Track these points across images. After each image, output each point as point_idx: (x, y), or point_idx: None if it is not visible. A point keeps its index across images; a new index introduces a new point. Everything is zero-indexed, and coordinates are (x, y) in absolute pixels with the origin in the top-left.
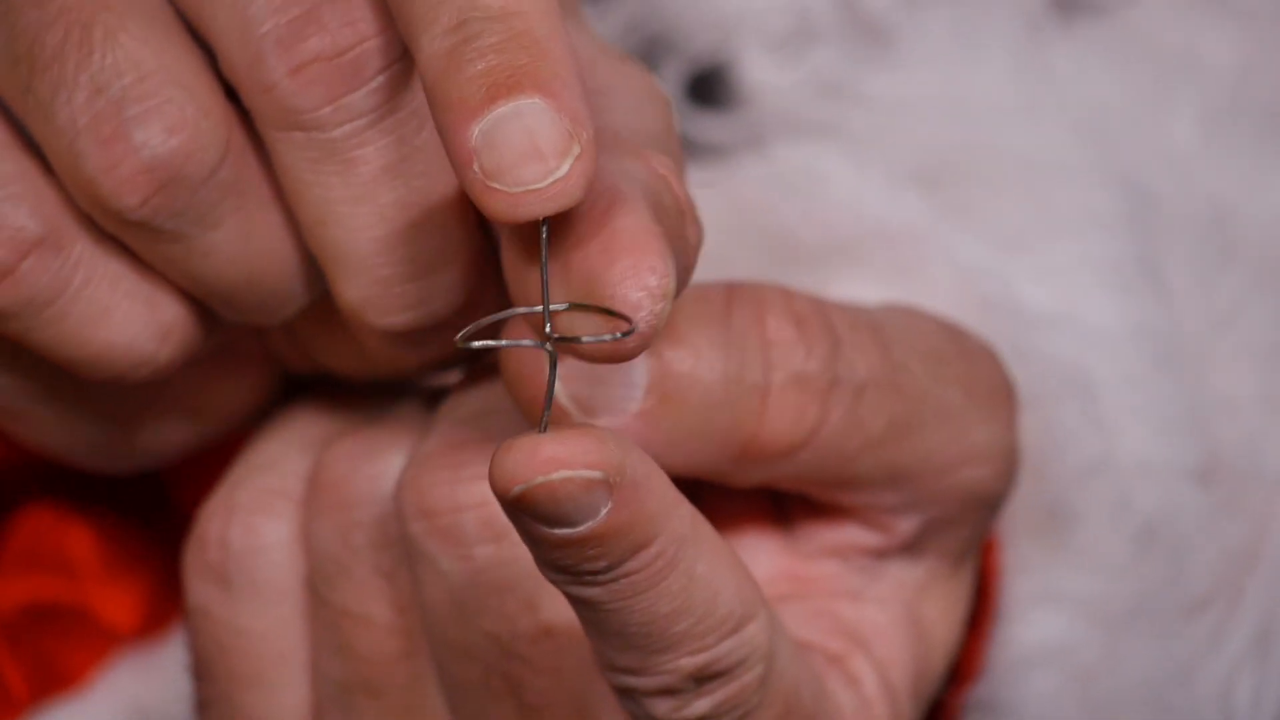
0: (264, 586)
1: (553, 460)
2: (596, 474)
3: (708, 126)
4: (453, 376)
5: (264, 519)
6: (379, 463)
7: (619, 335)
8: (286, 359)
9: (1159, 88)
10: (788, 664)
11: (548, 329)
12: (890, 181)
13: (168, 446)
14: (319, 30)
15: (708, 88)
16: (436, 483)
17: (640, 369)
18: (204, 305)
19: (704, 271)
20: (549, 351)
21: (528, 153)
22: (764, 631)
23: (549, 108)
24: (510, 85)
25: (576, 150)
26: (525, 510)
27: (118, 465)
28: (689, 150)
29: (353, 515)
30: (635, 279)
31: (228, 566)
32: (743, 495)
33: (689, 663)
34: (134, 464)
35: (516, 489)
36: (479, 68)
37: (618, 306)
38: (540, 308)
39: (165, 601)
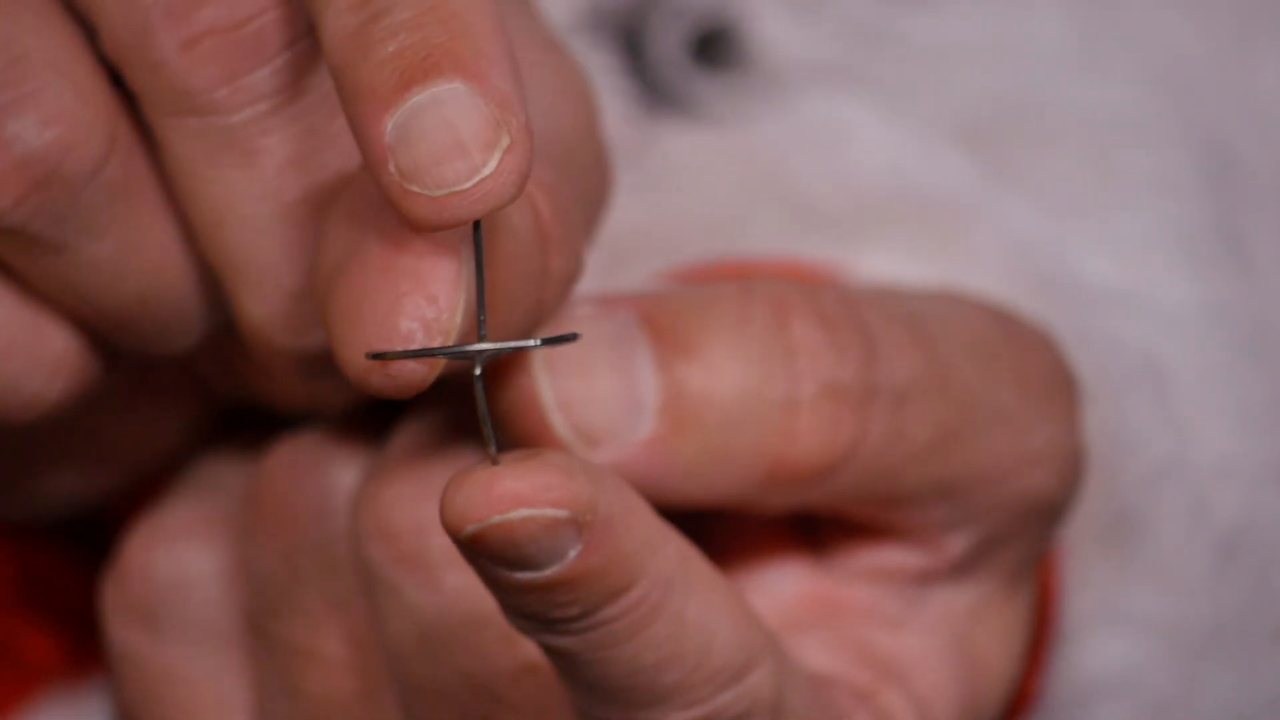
0: (197, 625)
1: (510, 496)
2: (561, 513)
3: (716, 91)
4: None
5: (194, 545)
6: (329, 474)
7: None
8: (219, 389)
9: (1242, 31)
10: (801, 714)
11: (481, 340)
12: (928, 139)
13: (80, 494)
14: None
15: (715, 47)
16: (399, 498)
17: (647, 388)
18: (98, 333)
19: (712, 244)
20: (477, 366)
21: (449, 148)
22: (770, 680)
23: (472, 93)
24: (426, 68)
25: (505, 141)
26: (481, 553)
27: (24, 513)
28: (696, 116)
29: (298, 536)
30: (408, 308)
31: (153, 602)
32: None
33: (681, 718)
34: (44, 512)
35: (469, 529)
36: (389, 49)
37: (385, 337)
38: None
39: (94, 637)
